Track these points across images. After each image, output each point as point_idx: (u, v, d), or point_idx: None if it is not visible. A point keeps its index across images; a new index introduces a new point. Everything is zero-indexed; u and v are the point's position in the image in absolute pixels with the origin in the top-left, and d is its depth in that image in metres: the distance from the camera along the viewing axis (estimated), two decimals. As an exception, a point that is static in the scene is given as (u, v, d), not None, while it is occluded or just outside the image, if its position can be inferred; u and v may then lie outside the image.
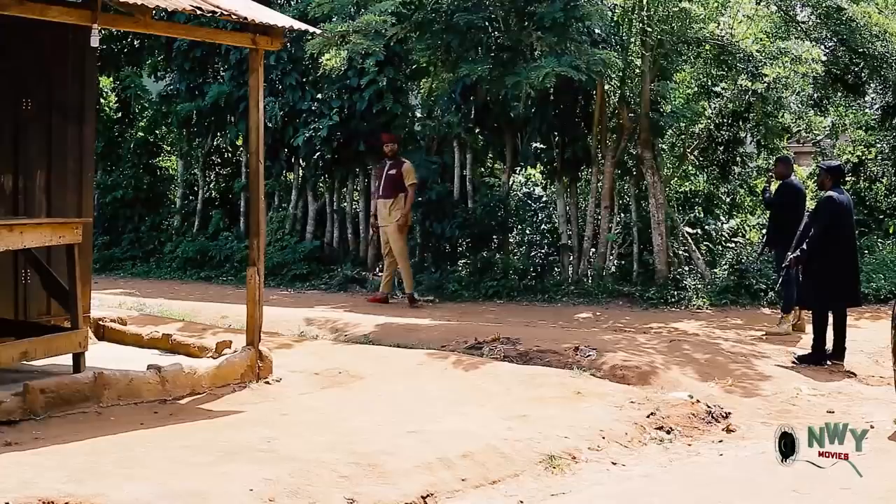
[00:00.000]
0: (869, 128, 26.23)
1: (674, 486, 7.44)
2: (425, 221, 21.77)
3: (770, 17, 20.12)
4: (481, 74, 17.73)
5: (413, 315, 16.30)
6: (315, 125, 22.58)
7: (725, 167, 22.95)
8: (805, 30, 20.50)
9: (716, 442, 8.99)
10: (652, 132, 19.50)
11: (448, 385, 10.29)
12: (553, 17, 16.65)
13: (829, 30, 20.53)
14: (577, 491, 7.26)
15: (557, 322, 15.68)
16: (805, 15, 21.26)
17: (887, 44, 20.26)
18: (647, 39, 18.66)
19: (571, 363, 11.38)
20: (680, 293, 18.43)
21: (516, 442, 7.94)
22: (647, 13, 18.52)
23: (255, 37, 10.02)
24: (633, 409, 9.29)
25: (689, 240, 20.34)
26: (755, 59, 18.38)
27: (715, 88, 20.69)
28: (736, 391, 10.83)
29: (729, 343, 13.39)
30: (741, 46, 18.38)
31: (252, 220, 10.61)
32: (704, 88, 21.00)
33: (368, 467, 7.16)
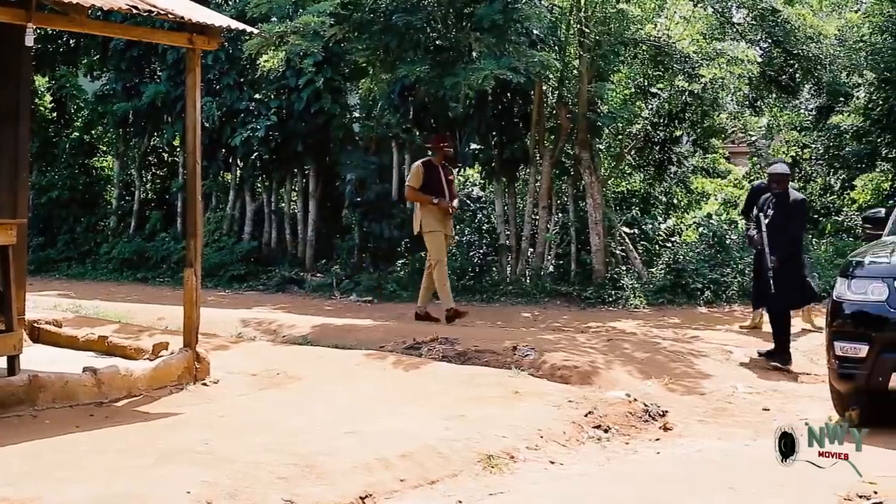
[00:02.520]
0: (803, 128, 26.52)
1: (611, 484, 7.48)
2: (363, 222, 21.74)
3: (706, 18, 20.29)
4: (420, 75, 17.72)
5: (351, 316, 16.28)
6: (253, 125, 22.51)
7: (662, 167, 23.11)
8: (741, 31, 20.69)
9: (653, 440, 9.04)
10: (589, 132, 19.58)
11: (386, 385, 10.28)
12: (492, 18, 16.67)
13: (765, 31, 20.73)
14: (516, 490, 7.27)
15: (496, 322, 15.71)
16: (741, 16, 21.44)
17: (821, 46, 20.50)
18: (584, 40, 18.74)
19: (510, 363, 11.41)
20: (617, 293, 18.53)
21: (455, 442, 7.94)
22: (584, 14, 18.62)
23: (192, 36, 9.95)
24: (572, 409, 9.32)
25: (627, 239, 20.46)
26: (691, 59, 18.53)
27: (652, 89, 20.86)
28: (674, 389, 10.91)
29: (668, 342, 13.47)
30: (678, 47, 18.52)
31: (189, 220, 10.53)
32: (641, 89, 21.15)
33: (307, 468, 7.14)
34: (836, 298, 9.07)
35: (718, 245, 20.84)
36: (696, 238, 22.09)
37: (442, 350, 12.18)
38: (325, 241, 23.46)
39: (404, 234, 21.28)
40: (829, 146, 25.48)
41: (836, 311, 9.02)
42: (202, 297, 10.78)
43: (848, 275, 9.03)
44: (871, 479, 6.94)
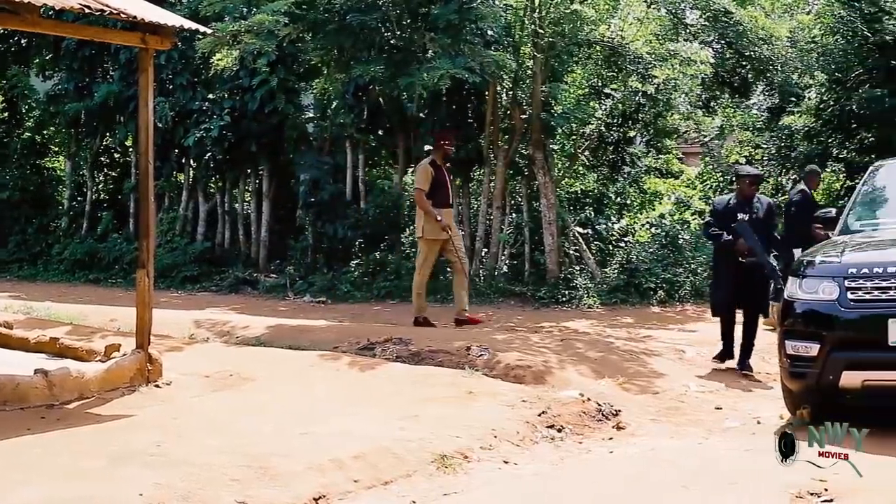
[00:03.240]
0: (756, 129, 26.67)
1: (565, 483, 7.50)
2: (317, 222, 21.71)
3: (660, 19, 20.39)
4: (374, 75, 17.70)
5: (305, 316, 16.24)
6: (206, 125, 22.43)
7: (615, 167, 23.21)
8: (694, 32, 20.79)
9: (606, 439, 9.07)
10: (543, 133, 19.63)
11: (340, 386, 10.26)
12: (447, 18, 16.67)
13: (717, 33, 20.84)
14: (470, 490, 7.27)
15: (450, 322, 15.70)
16: (694, 18, 21.55)
17: (773, 47, 20.64)
18: (539, 41, 18.79)
19: (464, 363, 11.41)
20: (571, 292, 18.59)
21: (409, 442, 7.94)
22: (539, 15, 18.66)
23: (144, 36, 9.89)
24: (525, 408, 9.34)
25: (580, 239, 20.53)
26: (645, 60, 18.62)
27: (605, 89, 20.95)
28: (627, 389, 10.95)
29: (621, 341, 13.52)
30: (631, 48, 18.61)
31: (141, 221, 10.47)
32: (595, 89, 21.23)
33: (260, 470, 7.11)
34: (787, 298, 9.13)
35: (671, 245, 20.96)
36: (650, 238, 22.20)
37: (396, 351, 12.16)
38: (278, 242, 23.40)
39: (358, 234, 21.28)
40: (781, 146, 25.61)
41: (788, 311, 9.08)
42: (155, 298, 10.73)
43: (799, 274, 9.09)
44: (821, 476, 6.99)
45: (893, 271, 8.37)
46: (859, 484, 6.83)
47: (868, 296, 8.45)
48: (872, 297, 8.43)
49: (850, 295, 8.52)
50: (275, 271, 22.63)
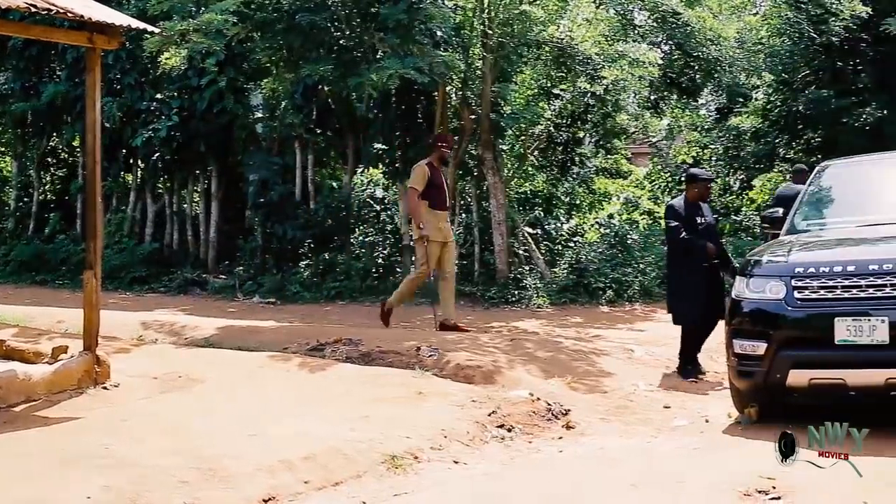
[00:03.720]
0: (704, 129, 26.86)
1: (514, 483, 7.51)
2: (266, 223, 21.65)
3: (608, 20, 20.47)
4: (324, 75, 17.68)
5: (254, 317, 16.19)
6: (154, 125, 22.32)
7: (564, 167, 23.30)
8: (642, 33, 20.90)
9: (556, 439, 9.09)
10: (493, 133, 19.68)
11: (290, 387, 10.23)
12: (396, 18, 16.66)
13: (666, 34, 20.96)
14: (420, 490, 7.27)
15: (400, 322, 15.69)
16: (642, 19, 21.64)
17: (721, 48, 20.76)
18: (488, 42, 18.82)
19: (414, 363, 11.40)
20: (521, 292, 18.64)
21: (359, 443, 7.92)
22: (488, 15, 18.69)
23: (92, 35, 9.81)
24: (475, 408, 9.34)
25: (530, 239, 20.59)
26: (594, 61, 18.68)
27: (554, 90, 21.02)
28: (576, 388, 10.97)
29: (570, 341, 13.55)
30: (580, 49, 18.65)
31: (89, 222, 10.38)
32: (544, 90, 21.31)
33: (209, 472, 7.07)
34: (735, 297, 9.18)
35: (620, 245, 21.08)
36: (598, 238, 22.31)
37: (346, 351, 12.13)
38: (227, 243, 23.32)
39: (308, 234, 21.24)
40: (729, 147, 25.85)
41: (735, 310, 9.13)
42: (103, 299, 10.64)
43: (746, 273, 9.15)
44: (769, 473, 7.05)
45: (839, 270, 8.44)
46: (807, 481, 6.89)
47: (815, 295, 8.52)
48: (819, 296, 8.50)
49: (797, 294, 8.58)
50: (224, 272, 22.56)
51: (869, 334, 8.16)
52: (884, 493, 6.61)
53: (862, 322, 8.20)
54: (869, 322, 8.17)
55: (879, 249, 8.93)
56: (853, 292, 8.34)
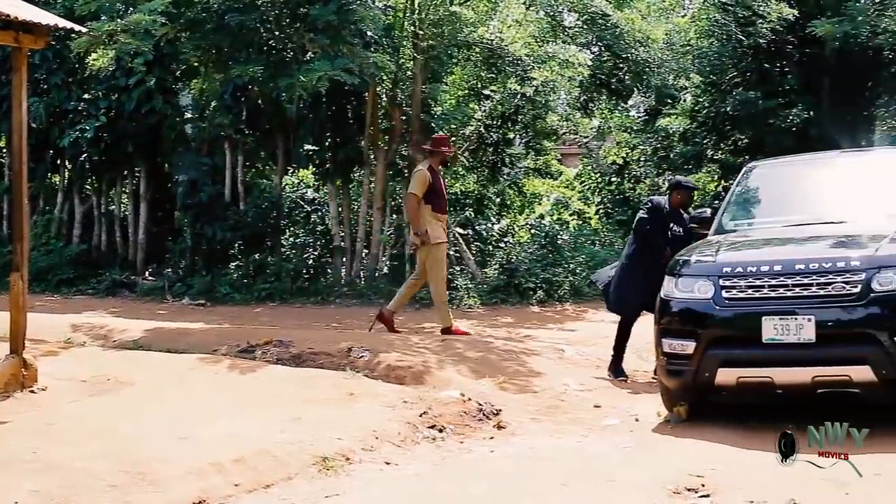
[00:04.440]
0: (633, 130, 27.03)
1: (446, 483, 7.51)
2: (196, 224, 21.51)
3: (538, 21, 20.56)
4: (253, 75, 17.61)
5: (184, 319, 16.07)
6: (82, 126, 22.09)
7: (495, 168, 23.35)
8: (572, 35, 21.00)
9: (487, 439, 9.10)
10: (423, 134, 19.69)
11: (220, 389, 10.17)
12: (326, 19, 16.62)
13: (595, 35, 21.09)
14: (351, 492, 7.25)
15: (331, 323, 15.69)
16: (572, 20, 21.75)
17: (649, 50, 20.91)
18: (418, 42, 18.84)
19: (345, 364, 11.38)
20: (452, 293, 18.62)
21: (290, 445, 7.89)
22: (418, 17, 18.71)
23: (18, 35, 9.69)
24: (406, 409, 9.34)
25: (461, 240, 20.62)
26: (524, 62, 18.76)
27: (485, 91, 21.07)
28: (507, 388, 10.99)
29: (501, 341, 13.58)
30: (510, 50, 18.73)
31: (15, 223, 10.25)
32: (474, 91, 21.35)
33: (139, 475, 7.01)
34: (663, 296, 9.24)
35: (550, 245, 21.17)
36: (529, 239, 22.38)
37: (276, 353, 12.08)
38: (156, 244, 23.14)
39: (237, 235, 21.12)
40: (658, 148, 26.03)
41: (664, 309, 9.19)
42: (30, 302, 10.52)
43: (675, 273, 9.21)
44: (698, 471, 7.11)
45: (767, 270, 8.53)
46: (735, 479, 6.96)
47: (742, 294, 8.60)
48: (746, 295, 8.58)
49: (725, 293, 8.66)
50: (153, 274, 22.39)
51: (796, 333, 8.25)
52: (812, 489, 6.69)
53: (789, 321, 8.29)
54: (796, 321, 8.26)
55: (806, 249, 9.04)
56: (780, 291, 8.43)
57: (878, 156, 13.33)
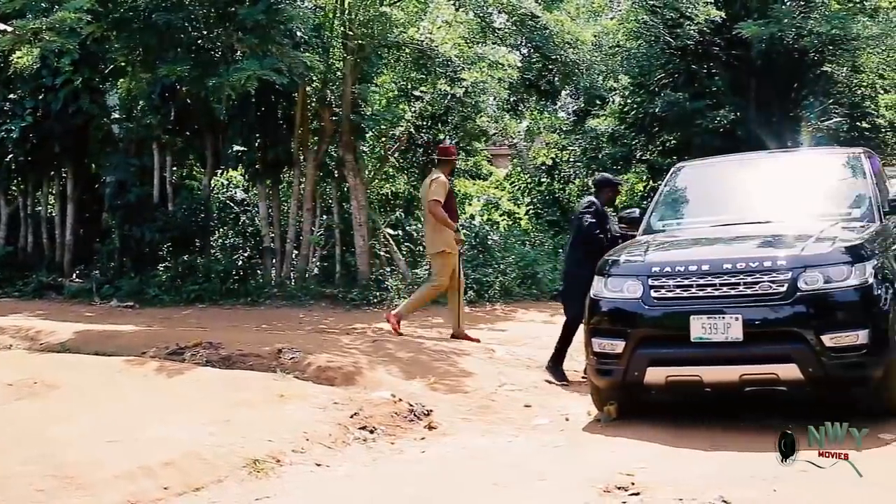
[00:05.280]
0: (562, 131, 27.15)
1: (377, 484, 7.51)
2: (124, 225, 21.32)
3: (468, 23, 20.60)
4: (181, 75, 17.49)
5: (112, 321, 15.93)
6: (7, 126, 21.82)
7: (425, 169, 23.34)
8: (501, 36, 21.08)
9: (418, 439, 9.11)
10: (353, 134, 19.67)
11: (150, 392, 10.08)
12: (255, 18, 16.54)
13: (524, 36, 21.18)
14: (282, 494, 7.23)
15: (261, 325, 15.61)
16: (501, 21, 21.82)
17: (578, 51, 21.03)
18: (348, 43, 18.80)
19: (275, 366, 11.34)
20: (382, 293, 18.66)
21: (219, 447, 7.84)
22: (348, 17, 18.67)
23: (-61, 33, 9.57)
24: (337, 410, 9.32)
25: (391, 241, 20.61)
26: (453, 63, 18.79)
27: (415, 92, 21.07)
28: (438, 389, 11.01)
29: (431, 342, 13.59)
30: (440, 51, 18.74)
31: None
32: (405, 92, 21.36)
33: (67, 479, 6.94)
34: (593, 296, 9.29)
35: (481, 246, 21.22)
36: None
37: (206, 355, 12.01)
38: (84, 245, 22.91)
39: (166, 237, 20.97)
40: (587, 148, 26.20)
41: (594, 309, 9.25)
42: (-47, 304, 10.38)
43: (604, 273, 9.27)
44: (628, 470, 7.16)
45: (695, 270, 8.61)
46: (665, 477, 7.02)
47: (671, 294, 8.67)
48: (675, 294, 8.66)
49: (654, 293, 8.73)
50: (80, 275, 22.15)
51: (723, 332, 8.33)
52: (742, 486, 6.76)
53: (717, 320, 8.37)
54: (723, 320, 8.35)
55: (733, 249, 9.14)
56: (708, 291, 8.52)
57: (804, 156, 13.53)
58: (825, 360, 8.12)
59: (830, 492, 6.62)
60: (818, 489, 6.68)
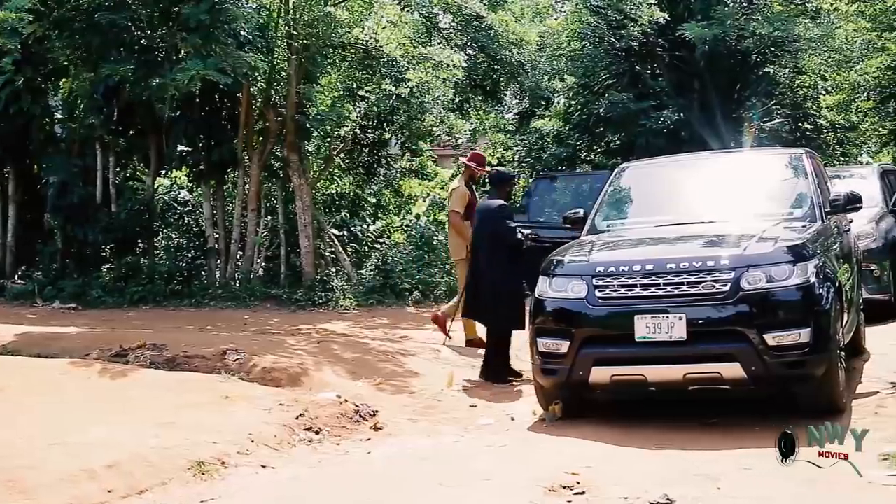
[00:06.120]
0: (507, 131, 27.21)
1: (323, 486, 7.49)
2: (66, 226, 21.13)
3: (413, 23, 20.60)
4: (124, 75, 17.37)
5: (55, 323, 15.79)
6: (-51, 126, 21.52)
7: (371, 169, 23.36)
8: (447, 36, 21.10)
9: (364, 440, 9.10)
10: (298, 135, 19.62)
11: (93, 395, 10.00)
12: (198, 18, 16.47)
13: (470, 37, 21.20)
14: (227, 496, 7.20)
15: (205, 326, 15.54)
16: (446, 22, 21.84)
17: (523, 52, 21.09)
18: (293, 43, 18.74)
19: (220, 368, 11.28)
20: (328, 294, 18.63)
21: (164, 450, 7.80)
22: (293, 17, 18.62)
23: None
24: (283, 412, 9.29)
25: (336, 241, 20.60)
26: (398, 63, 18.78)
27: (360, 92, 21.03)
28: (384, 389, 11.01)
29: (377, 342, 13.59)
30: (385, 51, 18.73)
31: None
32: (350, 92, 21.32)
33: (8, 483, 6.87)
34: (538, 297, 9.32)
35: (426, 246, 21.25)
36: (405, 240, 22.42)
37: (150, 357, 11.94)
38: (26, 247, 22.65)
39: (109, 238, 20.81)
40: (532, 149, 26.27)
41: (539, 309, 9.27)
42: None
43: (549, 273, 9.30)
44: (573, 469, 7.19)
45: (639, 269, 8.66)
46: (610, 476, 7.06)
47: (615, 293, 8.72)
48: (619, 294, 8.70)
49: (598, 293, 8.77)
50: (22, 277, 21.93)
51: (667, 331, 8.39)
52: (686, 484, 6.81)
53: (661, 319, 8.43)
54: (667, 319, 8.40)
55: (677, 249, 9.20)
56: (652, 290, 8.57)
57: (747, 157, 13.67)
58: (768, 359, 8.19)
59: (772, 489, 6.68)
60: (760, 487, 6.75)
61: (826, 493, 6.57)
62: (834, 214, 10.32)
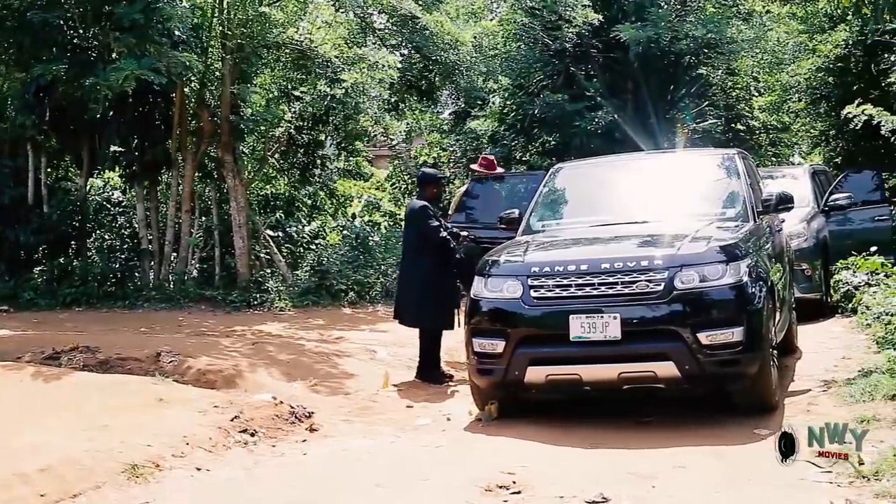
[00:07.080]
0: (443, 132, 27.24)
1: (258, 488, 7.47)
2: (-3, 228, 20.88)
3: (348, 23, 20.59)
4: (56, 75, 17.22)
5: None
6: None
7: (306, 170, 23.31)
8: (382, 37, 21.10)
9: (300, 441, 9.08)
10: (232, 135, 19.53)
11: (25, 398, 9.90)
12: (132, 17, 16.37)
13: (405, 37, 21.21)
14: (161, 499, 7.16)
15: (139, 328, 15.43)
16: (381, 22, 21.85)
17: (458, 52, 21.13)
18: (227, 43, 18.67)
19: (154, 370, 11.21)
20: (263, 295, 18.56)
21: (97, 453, 7.73)
22: (227, 16, 18.54)
23: None
24: (218, 414, 9.24)
25: (271, 242, 20.55)
26: (334, 64, 18.75)
27: (295, 92, 20.99)
28: (319, 390, 11.00)
29: (313, 343, 13.57)
30: (320, 51, 18.70)
31: None
32: (285, 92, 21.28)
33: (-61, 488, 6.80)
34: (473, 297, 9.33)
35: (362, 247, 21.23)
36: (340, 240, 22.39)
37: (83, 359, 11.84)
38: (-45, 249, 22.37)
39: (41, 239, 20.59)
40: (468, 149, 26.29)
41: (474, 309, 9.28)
42: None
43: (484, 273, 9.32)
44: (510, 469, 7.22)
45: (574, 269, 8.70)
46: (546, 475, 7.09)
47: (550, 293, 8.75)
48: (554, 294, 8.73)
49: (534, 293, 8.80)
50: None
51: (602, 331, 8.44)
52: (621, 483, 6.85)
53: (595, 319, 8.47)
54: (602, 319, 8.45)
55: (611, 249, 9.25)
56: (587, 290, 8.62)
57: (680, 157, 13.77)
58: (701, 358, 8.26)
59: (706, 488, 6.75)
60: (695, 486, 6.81)
61: (757, 491, 6.64)
62: (766, 214, 10.43)
